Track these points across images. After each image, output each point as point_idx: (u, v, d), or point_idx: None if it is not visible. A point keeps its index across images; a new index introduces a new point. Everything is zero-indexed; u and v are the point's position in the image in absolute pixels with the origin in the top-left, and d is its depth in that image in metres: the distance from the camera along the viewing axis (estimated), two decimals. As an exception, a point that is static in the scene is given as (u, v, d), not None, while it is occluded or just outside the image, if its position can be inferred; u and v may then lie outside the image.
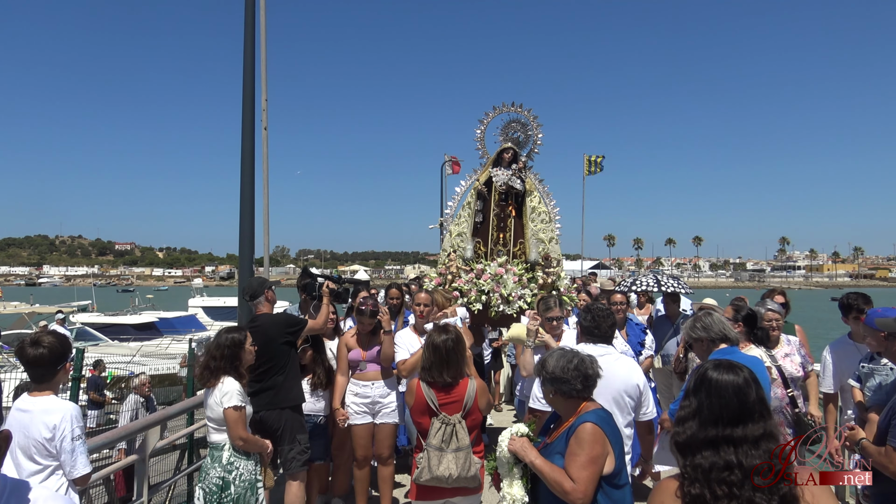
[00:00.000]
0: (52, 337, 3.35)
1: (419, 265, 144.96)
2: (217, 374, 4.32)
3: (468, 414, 3.90)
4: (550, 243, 7.88)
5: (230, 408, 4.23)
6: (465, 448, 3.78)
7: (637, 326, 6.61)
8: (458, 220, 8.14)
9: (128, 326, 20.43)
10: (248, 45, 8.14)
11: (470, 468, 3.76)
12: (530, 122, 8.49)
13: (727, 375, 2.16)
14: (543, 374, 3.13)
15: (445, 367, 3.91)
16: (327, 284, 5.57)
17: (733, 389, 2.12)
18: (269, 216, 9.23)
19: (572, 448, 2.89)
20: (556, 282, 7.58)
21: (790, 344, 5.28)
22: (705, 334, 3.95)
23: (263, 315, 5.20)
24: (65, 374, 3.43)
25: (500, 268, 7.45)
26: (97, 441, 4.73)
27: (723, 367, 2.20)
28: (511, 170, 8.13)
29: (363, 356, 5.42)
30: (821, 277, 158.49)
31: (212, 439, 4.39)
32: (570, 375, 3.04)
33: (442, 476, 3.73)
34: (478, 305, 7.26)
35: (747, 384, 2.13)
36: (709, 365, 2.24)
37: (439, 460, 3.75)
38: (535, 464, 2.96)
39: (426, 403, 3.90)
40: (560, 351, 3.22)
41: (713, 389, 2.14)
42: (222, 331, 4.52)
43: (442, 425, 3.82)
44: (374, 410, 5.35)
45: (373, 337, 5.45)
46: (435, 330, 4.11)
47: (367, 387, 5.37)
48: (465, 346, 4.05)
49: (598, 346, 4.09)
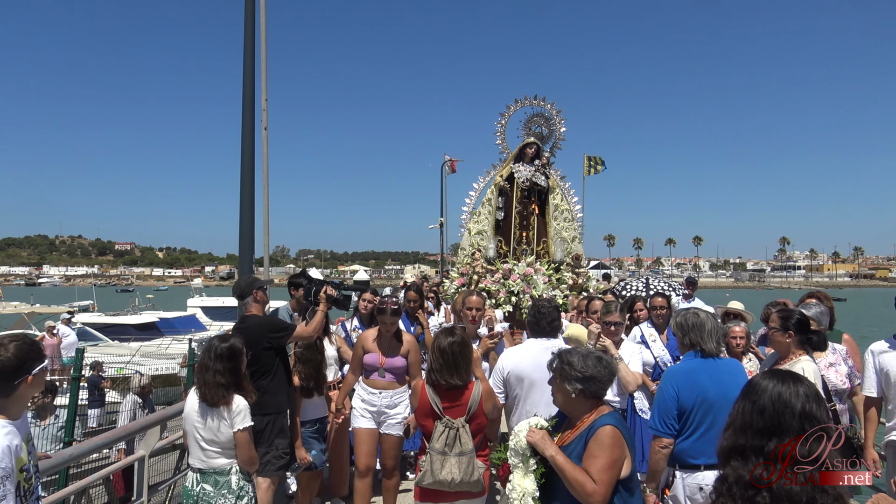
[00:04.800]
0: (17, 342, 2.69)
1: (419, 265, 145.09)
2: (229, 391, 3.94)
3: (472, 418, 3.85)
4: (573, 242, 7.57)
5: (244, 430, 3.92)
6: (469, 452, 3.73)
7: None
8: (478, 218, 7.77)
9: (129, 326, 20.40)
10: (248, 45, 8.13)
11: (473, 473, 3.71)
12: (553, 116, 8.07)
13: (771, 382, 2.02)
14: (573, 373, 3.00)
15: (454, 371, 3.85)
16: (326, 290, 5.26)
17: (772, 396, 1.98)
18: (269, 216, 9.22)
19: (592, 450, 2.85)
20: (585, 283, 7.30)
21: (835, 353, 4.91)
22: (679, 333, 3.93)
23: (251, 317, 5.02)
24: (28, 389, 2.71)
25: (528, 268, 7.14)
26: (97, 441, 4.75)
27: (775, 375, 2.06)
28: (534, 165, 7.75)
29: (381, 362, 5.05)
30: (821, 277, 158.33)
31: (215, 464, 3.96)
32: (605, 375, 2.99)
33: (444, 480, 3.68)
34: (508, 307, 6.97)
35: (795, 395, 1.96)
36: (764, 372, 2.12)
37: (442, 464, 3.70)
38: (555, 459, 2.89)
39: (430, 406, 3.85)
40: (581, 349, 3.17)
41: (753, 394, 2.02)
42: (216, 339, 4.13)
43: (445, 429, 3.77)
44: (379, 420, 5.10)
45: (394, 343, 5.08)
46: (442, 332, 4.03)
47: (374, 394, 5.09)
48: (471, 350, 4.00)
49: (545, 341, 4.31)
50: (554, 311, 4.40)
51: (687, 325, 3.87)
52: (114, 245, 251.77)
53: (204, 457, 3.96)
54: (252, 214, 7.98)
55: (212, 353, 3.99)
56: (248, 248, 7.87)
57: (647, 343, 5.89)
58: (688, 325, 3.86)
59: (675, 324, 3.95)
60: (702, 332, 3.82)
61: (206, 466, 3.96)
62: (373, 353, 5.08)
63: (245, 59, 8.08)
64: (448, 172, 29.49)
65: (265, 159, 9.07)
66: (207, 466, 3.96)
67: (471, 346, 4.03)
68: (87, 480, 4.89)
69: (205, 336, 19.85)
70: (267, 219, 9.19)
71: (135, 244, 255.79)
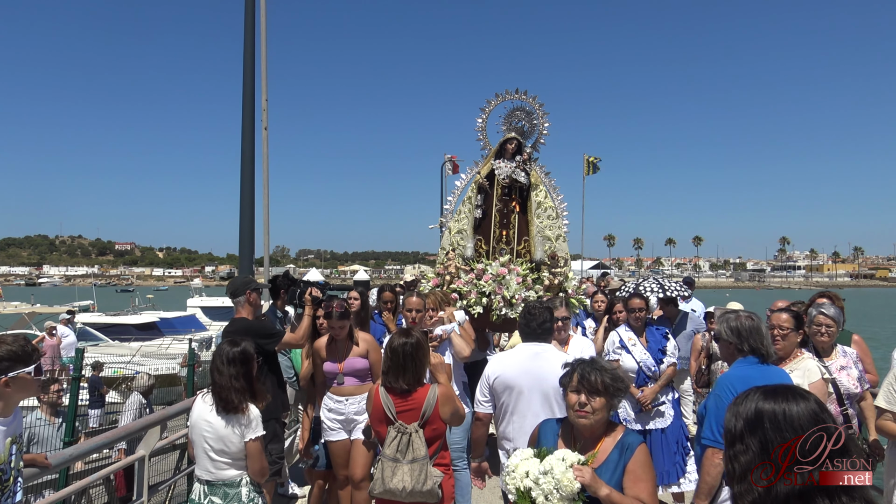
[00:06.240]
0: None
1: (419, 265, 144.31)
2: (245, 396, 3.70)
3: (427, 423, 3.62)
4: (557, 241, 7.25)
5: (257, 439, 3.69)
6: (421, 459, 3.50)
7: (658, 332, 5.85)
8: (458, 217, 7.49)
9: (130, 326, 20.40)
10: (248, 45, 8.14)
11: (426, 481, 3.48)
12: (535, 110, 7.77)
13: (796, 403, 1.67)
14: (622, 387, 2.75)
15: (401, 373, 3.66)
16: (311, 292, 5.05)
17: (810, 419, 1.64)
18: (269, 216, 9.24)
19: (638, 473, 2.66)
20: (563, 283, 6.97)
21: (846, 356, 4.69)
22: (735, 339, 3.59)
23: (239, 320, 4.88)
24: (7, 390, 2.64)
25: (502, 268, 6.86)
26: (98, 441, 4.74)
27: (781, 394, 1.73)
28: (515, 162, 7.45)
29: (340, 368, 4.83)
30: (821, 277, 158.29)
31: (224, 475, 3.71)
32: (626, 388, 2.80)
33: (395, 489, 3.47)
34: (478, 308, 6.69)
35: (823, 410, 1.68)
36: (757, 395, 1.74)
37: (393, 472, 3.49)
38: (611, 498, 2.59)
39: (383, 411, 3.66)
40: (600, 360, 2.98)
41: (784, 423, 1.65)
42: (225, 344, 3.87)
43: (398, 434, 3.56)
44: (349, 428, 4.88)
45: (348, 345, 4.86)
46: (396, 333, 3.85)
47: (341, 402, 4.86)
48: (425, 353, 3.77)
49: (535, 345, 4.04)
50: (546, 313, 4.14)
51: (744, 329, 3.57)
52: (114, 245, 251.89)
53: (213, 468, 3.70)
54: (252, 214, 7.99)
55: (224, 357, 3.74)
56: (248, 248, 7.88)
57: (628, 348, 5.67)
58: (745, 330, 3.56)
59: (729, 328, 3.61)
60: (761, 337, 3.55)
61: (214, 478, 3.70)
62: (329, 361, 4.87)
63: (245, 59, 8.09)
64: (449, 173, 29.48)
65: (265, 159, 9.09)
66: (216, 478, 3.70)
67: (425, 349, 3.79)
68: (87, 480, 4.88)
69: (205, 336, 19.85)
70: (267, 219, 9.21)
71: (135, 244, 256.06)
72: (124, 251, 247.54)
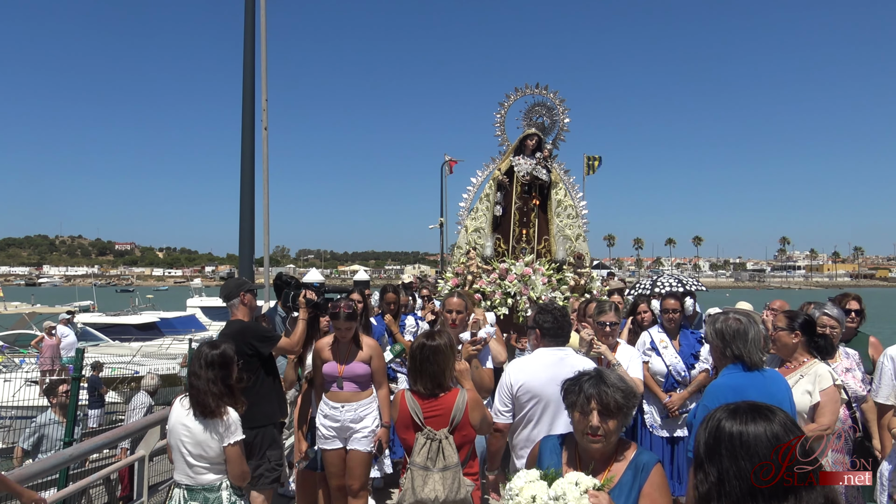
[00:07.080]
0: None
1: (419, 265, 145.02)
2: (223, 400, 3.66)
3: (457, 429, 3.49)
4: (577, 240, 7.08)
5: (235, 444, 3.65)
6: (454, 467, 3.37)
7: (693, 335, 5.52)
8: (476, 215, 7.27)
9: (130, 327, 20.43)
10: (248, 45, 8.14)
11: (459, 490, 3.34)
12: (556, 105, 7.58)
13: (755, 425, 1.58)
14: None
15: (418, 376, 3.57)
16: (305, 294, 4.90)
17: (767, 443, 1.56)
18: (269, 216, 9.24)
19: (654, 497, 2.47)
20: (588, 283, 6.83)
21: (849, 357, 4.62)
22: (719, 343, 3.39)
23: (235, 322, 4.78)
24: None
25: (526, 267, 6.67)
26: (97, 441, 4.74)
27: (744, 413, 1.62)
28: (535, 158, 7.24)
29: (340, 371, 4.61)
30: (821, 277, 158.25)
31: (203, 480, 3.66)
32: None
33: (427, 499, 3.31)
34: (503, 309, 6.50)
35: (787, 432, 1.58)
36: (722, 413, 1.66)
37: (424, 481, 3.33)
38: None
39: (410, 416, 3.51)
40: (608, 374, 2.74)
41: (740, 449, 1.57)
42: (205, 346, 3.82)
43: (427, 441, 3.42)
44: (344, 437, 4.65)
45: (353, 348, 4.64)
46: (422, 334, 3.76)
47: (336, 409, 4.61)
48: (446, 357, 3.60)
49: (558, 350, 3.78)
50: (561, 312, 3.93)
51: (728, 333, 3.35)
52: (114, 245, 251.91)
53: (191, 472, 3.66)
54: (252, 214, 7.99)
55: (201, 360, 3.71)
56: (248, 248, 7.88)
57: (659, 350, 5.39)
58: (729, 334, 3.35)
59: (714, 331, 3.43)
60: (745, 341, 3.32)
61: (193, 483, 3.66)
62: (330, 363, 4.65)
63: (245, 59, 8.09)
64: (447, 173, 29.51)
65: (265, 159, 9.09)
66: (195, 483, 3.66)
67: (448, 353, 3.64)
68: (87, 480, 4.89)
69: (205, 336, 19.86)
70: (267, 219, 9.21)
71: (135, 244, 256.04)
72: (124, 251, 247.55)
